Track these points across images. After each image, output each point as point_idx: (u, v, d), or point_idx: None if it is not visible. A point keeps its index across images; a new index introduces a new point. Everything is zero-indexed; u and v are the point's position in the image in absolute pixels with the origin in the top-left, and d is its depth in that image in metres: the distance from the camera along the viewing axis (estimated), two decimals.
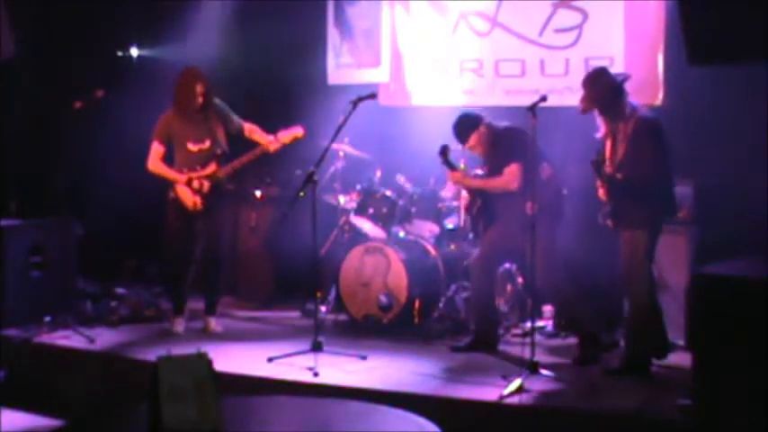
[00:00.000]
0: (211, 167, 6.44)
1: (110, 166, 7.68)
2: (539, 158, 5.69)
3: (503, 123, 6.08)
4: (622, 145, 5.38)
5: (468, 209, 6.27)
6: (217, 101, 6.55)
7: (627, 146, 5.36)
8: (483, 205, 6.11)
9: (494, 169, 6.04)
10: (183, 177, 6.43)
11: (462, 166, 6.73)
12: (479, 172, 6.26)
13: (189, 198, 6.44)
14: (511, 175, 5.86)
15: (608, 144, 5.47)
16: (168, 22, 7.90)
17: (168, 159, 6.57)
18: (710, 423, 4.35)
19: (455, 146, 6.22)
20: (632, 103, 5.47)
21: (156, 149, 6.51)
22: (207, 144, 6.46)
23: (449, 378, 5.47)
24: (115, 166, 7.63)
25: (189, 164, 6.46)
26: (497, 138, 6.00)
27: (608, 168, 5.40)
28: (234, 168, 6.49)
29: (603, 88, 5.44)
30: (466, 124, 6.09)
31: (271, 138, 6.41)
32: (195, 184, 6.42)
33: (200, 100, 6.38)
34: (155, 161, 6.51)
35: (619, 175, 5.36)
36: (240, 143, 6.64)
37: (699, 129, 6.26)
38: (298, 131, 6.38)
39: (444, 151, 6.15)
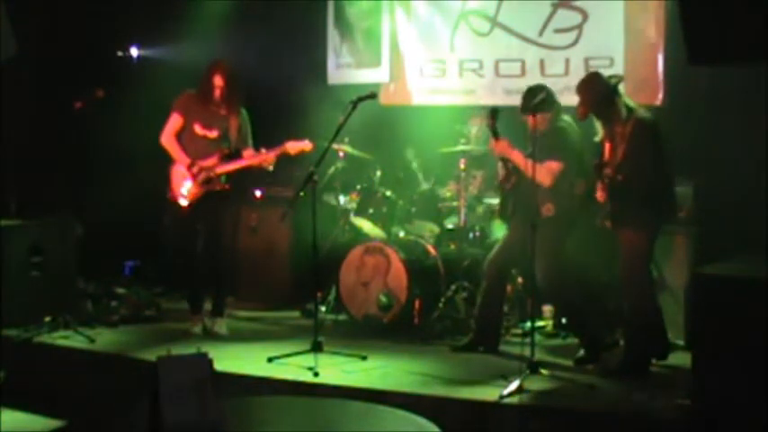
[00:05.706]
0: (213, 160, 6.37)
1: (110, 166, 7.67)
2: (579, 173, 5.69)
3: (567, 117, 5.81)
4: (621, 146, 5.36)
5: (502, 183, 6.01)
6: (244, 112, 6.48)
7: (625, 147, 5.34)
8: (517, 182, 5.88)
9: (535, 154, 5.71)
10: (187, 160, 6.35)
11: (462, 166, 6.73)
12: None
13: (179, 186, 6.38)
14: (550, 171, 5.65)
15: (607, 146, 5.46)
16: (168, 22, 7.89)
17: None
18: (710, 423, 4.35)
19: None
20: (629, 104, 5.46)
21: (175, 121, 6.40)
22: (214, 134, 6.38)
23: (449, 378, 5.47)
24: (115, 166, 7.62)
25: (192, 149, 6.37)
26: (558, 128, 5.76)
27: (608, 171, 5.39)
28: (230, 170, 6.40)
29: (596, 94, 5.41)
30: (543, 101, 5.67)
31: (271, 153, 6.36)
32: (195, 168, 6.35)
33: (218, 93, 6.31)
34: (169, 134, 6.41)
35: (619, 177, 5.35)
36: None
37: (699, 129, 6.26)
38: (306, 145, 6.31)
39: (494, 115, 5.80)
